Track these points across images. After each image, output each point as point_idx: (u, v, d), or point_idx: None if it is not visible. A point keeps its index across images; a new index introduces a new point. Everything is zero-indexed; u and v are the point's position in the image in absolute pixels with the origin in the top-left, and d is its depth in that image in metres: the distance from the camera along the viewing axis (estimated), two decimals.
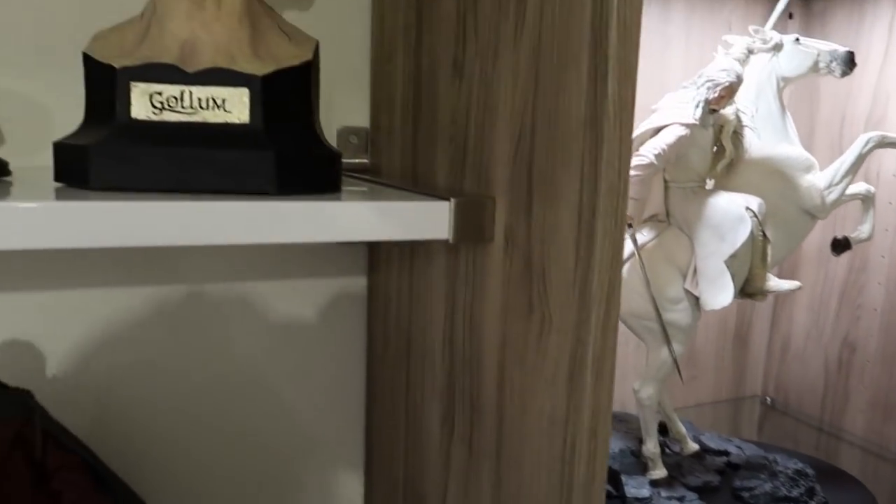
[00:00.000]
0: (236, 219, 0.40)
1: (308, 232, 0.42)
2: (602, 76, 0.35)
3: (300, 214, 0.42)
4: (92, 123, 0.46)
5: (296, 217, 0.42)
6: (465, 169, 0.51)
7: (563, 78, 0.38)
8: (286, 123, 0.46)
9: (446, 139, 0.53)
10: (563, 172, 0.39)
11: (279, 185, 0.44)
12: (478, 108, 0.48)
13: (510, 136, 0.44)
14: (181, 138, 0.43)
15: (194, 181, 0.43)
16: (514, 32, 0.43)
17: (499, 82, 0.45)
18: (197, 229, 0.39)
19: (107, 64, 0.44)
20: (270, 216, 0.41)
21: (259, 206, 0.41)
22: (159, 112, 0.44)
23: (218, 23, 0.45)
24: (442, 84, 0.54)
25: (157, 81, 0.43)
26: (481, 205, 0.46)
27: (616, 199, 0.36)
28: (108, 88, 0.44)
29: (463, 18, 0.50)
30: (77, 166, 0.43)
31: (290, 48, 0.48)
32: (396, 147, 0.64)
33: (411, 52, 0.60)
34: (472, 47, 0.49)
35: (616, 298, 0.38)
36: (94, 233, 0.38)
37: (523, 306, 0.43)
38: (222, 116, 0.44)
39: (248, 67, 0.44)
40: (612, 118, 0.35)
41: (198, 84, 0.44)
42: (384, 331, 0.70)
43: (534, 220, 0.42)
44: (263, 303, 0.71)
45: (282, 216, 0.41)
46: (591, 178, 0.36)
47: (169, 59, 0.44)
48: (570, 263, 0.39)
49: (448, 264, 0.54)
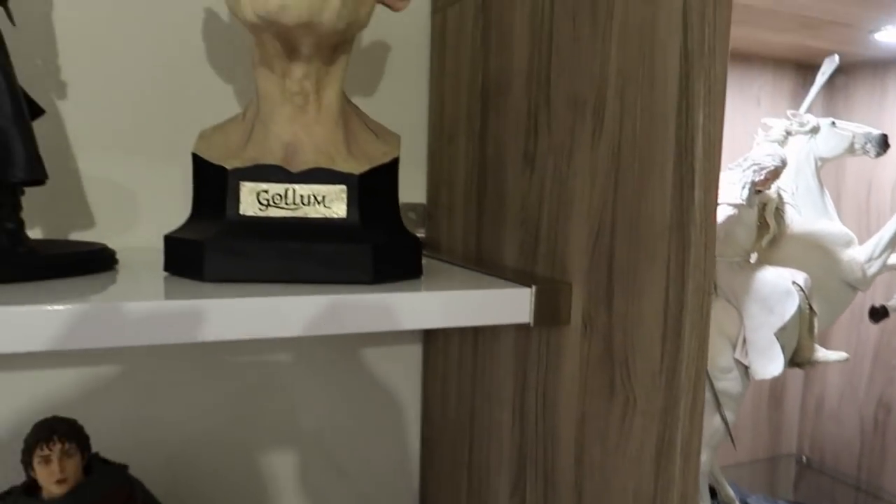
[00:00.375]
0: (340, 311, 0.43)
1: (402, 321, 0.45)
2: (688, 185, 0.39)
3: (396, 305, 0.45)
4: (201, 218, 0.49)
5: (392, 308, 0.45)
6: (537, 253, 0.54)
7: (646, 183, 0.42)
8: (378, 215, 0.50)
9: (516, 223, 0.57)
10: (646, 269, 0.42)
11: (374, 274, 0.47)
12: (551, 199, 0.52)
13: (588, 229, 0.48)
14: (285, 233, 0.47)
15: (298, 272, 0.46)
16: (592, 137, 0.47)
17: (574, 179, 0.49)
18: (310, 322, 0.43)
19: (218, 165, 0.48)
20: (371, 308, 0.44)
21: (361, 298, 0.44)
22: (265, 208, 0.47)
23: (318, 125, 0.49)
24: (511, 172, 0.58)
25: (264, 181, 0.47)
26: (560, 291, 0.49)
27: (702, 297, 0.39)
28: (218, 187, 0.48)
29: (535, 114, 0.54)
30: (190, 259, 0.46)
31: (380, 145, 0.52)
32: (458, 225, 0.68)
33: (475, 137, 0.64)
34: (544, 142, 0.53)
35: (702, 386, 0.41)
36: (218, 328, 0.41)
37: (604, 387, 0.46)
38: (322, 211, 0.48)
39: (346, 166, 0.48)
40: (699, 224, 0.39)
41: (301, 182, 0.48)
42: (442, 398, 0.73)
43: (615, 309, 0.45)
44: (323, 367, 0.74)
45: (381, 308, 0.44)
46: (678, 279, 0.40)
47: (274, 160, 0.48)
48: (655, 353, 0.42)
49: (518, 341, 0.57)
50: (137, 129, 0.64)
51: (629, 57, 0.44)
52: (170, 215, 0.65)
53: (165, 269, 0.49)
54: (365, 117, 0.54)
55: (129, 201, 0.64)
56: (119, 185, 0.64)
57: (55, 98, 0.60)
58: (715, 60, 0.38)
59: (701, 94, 0.38)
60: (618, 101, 0.45)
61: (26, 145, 0.44)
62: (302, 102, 0.48)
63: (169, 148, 0.65)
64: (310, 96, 0.48)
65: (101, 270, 0.48)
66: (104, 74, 0.62)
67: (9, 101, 0.43)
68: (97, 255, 0.49)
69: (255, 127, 0.50)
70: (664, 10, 0.41)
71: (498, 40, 0.60)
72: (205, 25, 0.65)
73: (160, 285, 0.44)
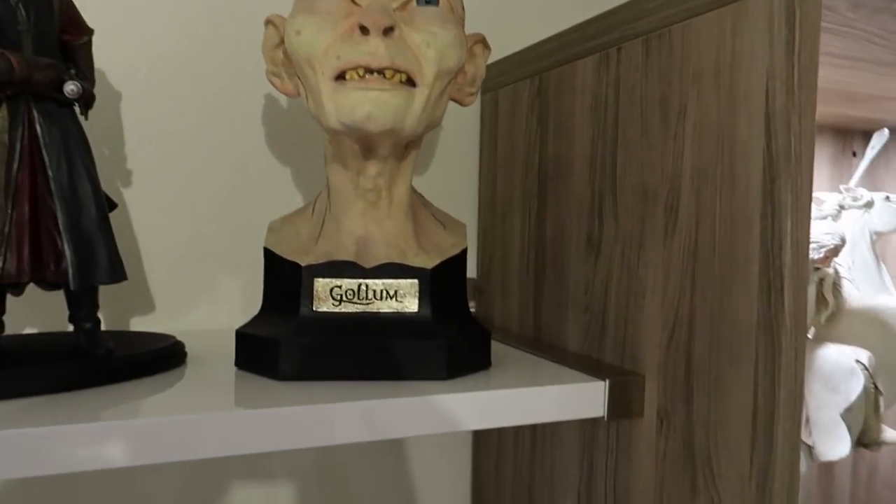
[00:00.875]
0: (417, 414, 0.43)
1: (479, 421, 0.45)
2: (777, 291, 0.39)
3: (472, 406, 0.44)
4: (273, 312, 0.49)
5: (469, 409, 0.44)
6: (604, 341, 0.54)
7: (728, 284, 0.42)
8: (449, 307, 0.50)
9: (579, 308, 0.57)
10: (731, 370, 0.42)
11: (448, 371, 0.47)
12: (619, 287, 0.52)
13: (661, 322, 0.47)
14: (360, 330, 0.47)
15: (372, 370, 0.46)
16: (665, 230, 0.47)
17: (645, 270, 0.49)
18: (387, 426, 0.42)
19: (292, 261, 0.48)
20: (448, 409, 0.44)
21: (438, 400, 0.43)
22: (338, 304, 0.48)
23: (389, 219, 0.49)
24: (573, 255, 0.58)
25: (337, 277, 0.48)
26: (633, 384, 0.49)
27: (794, 405, 0.39)
28: (291, 282, 0.48)
29: (599, 201, 0.54)
30: (264, 357, 0.46)
31: (448, 236, 0.52)
32: (513, 303, 0.68)
33: (532, 217, 0.64)
34: (610, 229, 0.53)
35: (795, 492, 0.40)
36: (298, 437, 0.40)
37: (685, 486, 0.45)
38: (394, 306, 0.48)
39: (417, 261, 0.48)
40: (789, 330, 0.38)
41: (373, 278, 0.48)
42: (496, 481, 0.71)
43: (695, 407, 0.44)
44: (368, 453, 0.74)
45: (458, 409, 0.44)
46: (768, 384, 0.39)
47: (346, 255, 0.48)
48: (743, 456, 0.41)
49: (584, 430, 0.56)
50: (198, 214, 0.64)
51: (705, 156, 0.44)
52: (230, 299, 0.66)
53: (237, 365, 0.49)
54: (432, 207, 0.55)
55: (190, 283, 0.65)
56: (179, 268, 0.64)
57: (121, 186, 0.61)
58: (801, 168, 0.38)
59: (788, 202, 0.38)
60: (693, 198, 0.45)
61: (109, 248, 0.44)
62: (374, 199, 0.49)
63: (229, 232, 0.66)
64: (382, 192, 0.49)
65: (173, 368, 0.48)
66: (170, 161, 0.63)
67: (94, 206, 0.44)
68: (170, 351, 0.49)
69: (327, 221, 0.50)
70: (743, 113, 0.41)
71: (556, 124, 0.60)
72: (266, 112, 0.67)
73: (233, 386, 0.44)
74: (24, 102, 0.42)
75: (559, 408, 0.47)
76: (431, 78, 0.44)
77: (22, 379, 0.40)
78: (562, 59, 0.59)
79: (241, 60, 0.65)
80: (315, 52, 0.43)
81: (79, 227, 0.43)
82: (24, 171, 0.42)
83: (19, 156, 0.42)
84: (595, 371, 0.50)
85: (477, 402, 0.45)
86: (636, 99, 0.50)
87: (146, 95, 0.62)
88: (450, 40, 0.44)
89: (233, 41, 0.65)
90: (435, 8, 0.45)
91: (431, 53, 0.44)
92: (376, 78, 0.42)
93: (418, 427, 0.43)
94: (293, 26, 0.44)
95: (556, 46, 0.60)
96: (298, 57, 0.44)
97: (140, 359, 0.46)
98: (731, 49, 0.42)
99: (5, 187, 0.42)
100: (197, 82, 0.64)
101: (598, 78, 0.55)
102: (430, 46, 0.44)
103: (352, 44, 0.42)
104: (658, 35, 0.48)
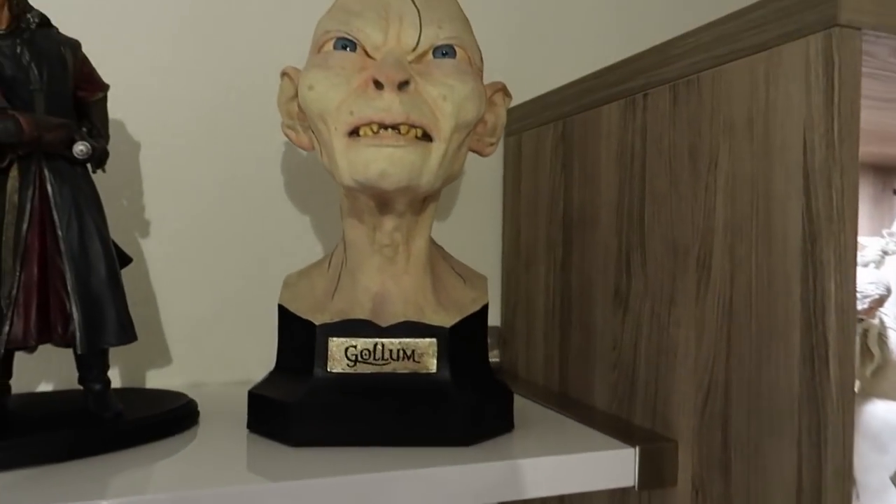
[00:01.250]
0: (436, 487, 0.41)
1: (503, 493, 0.42)
2: (821, 359, 0.36)
3: (496, 477, 0.42)
4: (286, 371, 0.48)
5: (493, 480, 0.42)
6: (633, 401, 0.51)
7: (767, 348, 0.39)
8: (469, 367, 0.47)
9: (607, 364, 0.54)
10: (772, 442, 0.39)
11: (469, 436, 0.45)
12: (649, 345, 0.49)
13: (695, 385, 0.45)
14: (376, 393, 0.44)
15: (389, 436, 0.44)
16: (697, 289, 0.44)
17: (677, 328, 0.46)
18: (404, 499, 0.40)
19: (306, 319, 0.46)
20: (471, 480, 0.41)
21: (460, 471, 0.41)
22: (353, 364, 0.46)
23: (406, 275, 0.48)
24: (601, 308, 0.55)
25: (353, 336, 0.46)
26: (665, 451, 0.46)
27: (842, 482, 0.36)
28: (305, 340, 0.46)
29: (626, 253, 0.52)
30: (276, 421, 0.45)
31: (468, 291, 0.50)
32: (538, 355, 0.65)
33: (557, 266, 0.62)
34: (638, 283, 0.50)
35: None
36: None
37: None
38: (411, 367, 0.46)
39: (436, 319, 0.46)
40: (836, 402, 0.35)
41: (390, 337, 0.46)
42: None
43: (734, 478, 0.41)
44: None
45: (481, 480, 0.41)
46: (814, 459, 0.36)
47: (362, 313, 0.46)
48: None
49: (614, 500, 0.53)
50: (216, 265, 0.63)
51: (738, 210, 0.41)
52: (246, 351, 0.64)
53: (249, 428, 0.47)
54: (451, 260, 0.53)
55: (207, 335, 0.63)
56: (196, 319, 0.63)
57: (138, 237, 0.61)
58: (845, 226, 0.35)
59: (831, 262, 0.35)
60: (727, 255, 0.42)
61: (118, 310, 0.43)
62: (391, 254, 0.47)
63: (246, 282, 0.64)
64: (399, 247, 0.47)
65: (185, 430, 0.47)
66: (188, 212, 0.62)
67: (104, 266, 0.43)
68: (182, 412, 0.47)
69: (343, 276, 0.49)
70: (780, 167, 0.39)
71: (581, 170, 0.58)
72: (285, 160, 0.66)
73: (245, 454, 0.42)
74: (36, 162, 0.42)
75: (587, 477, 0.44)
76: (448, 132, 0.42)
77: (26, 448, 0.39)
78: (586, 104, 0.57)
79: (261, 109, 0.64)
80: (328, 107, 0.42)
81: (88, 288, 0.42)
82: (33, 232, 0.41)
83: (29, 216, 0.41)
84: (625, 435, 0.47)
85: (500, 473, 0.42)
86: (664, 147, 0.48)
87: (165, 146, 0.62)
88: (467, 93, 0.43)
89: (252, 91, 0.64)
90: (452, 60, 0.44)
91: (448, 107, 0.42)
92: (391, 134, 0.41)
93: (438, 501, 0.41)
94: (306, 81, 0.43)
95: (580, 91, 0.58)
96: (311, 112, 0.43)
97: (150, 421, 0.45)
98: (766, 98, 0.40)
99: (14, 248, 0.41)
100: (216, 131, 0.63)
101: (623, 125, 0.53)
102: (446, 100, 0.42)
103: (365, 99, 0.41)
104: (686, 82, 0.46)
